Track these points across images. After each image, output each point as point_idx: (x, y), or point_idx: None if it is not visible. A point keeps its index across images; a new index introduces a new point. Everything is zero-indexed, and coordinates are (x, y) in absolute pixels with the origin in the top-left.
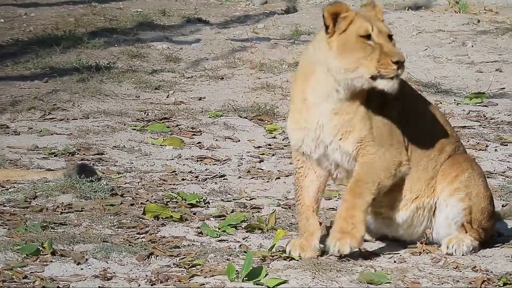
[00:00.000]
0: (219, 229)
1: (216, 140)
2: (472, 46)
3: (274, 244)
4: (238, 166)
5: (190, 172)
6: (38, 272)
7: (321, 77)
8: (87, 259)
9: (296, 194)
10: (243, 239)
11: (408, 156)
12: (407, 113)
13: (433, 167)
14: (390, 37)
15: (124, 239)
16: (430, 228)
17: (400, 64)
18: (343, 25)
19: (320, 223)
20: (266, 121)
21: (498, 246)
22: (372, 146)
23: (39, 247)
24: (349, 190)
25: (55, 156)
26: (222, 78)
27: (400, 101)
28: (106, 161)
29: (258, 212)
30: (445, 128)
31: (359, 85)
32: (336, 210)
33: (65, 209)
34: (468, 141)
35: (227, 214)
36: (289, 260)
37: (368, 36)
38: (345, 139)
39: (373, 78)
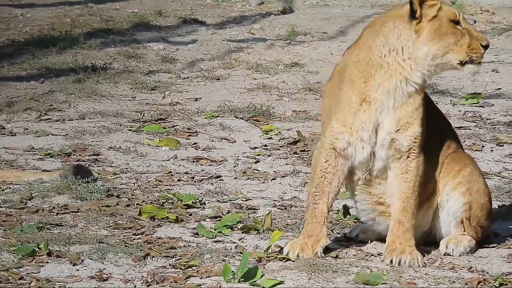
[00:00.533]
0: (215, 230)
1: (212, 141)
2: None
3: (270, 245)
4: (234, 167)
5: (186, 173)
6: (34, 273)
7: (393, 69)
8: (83, 260)
9: (315, 198)
10: (239, 240)
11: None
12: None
13: (441, 163)
14: None
15: (120, 240)
16: (434, 228)
17: (487, 48)
18: (432, 11)
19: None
20: (262, 122)
21: (494, 247)
22: (419, 147)
23: (35, 248)
24: (402, 209)
25: (51, 157)
26: (218, 79)
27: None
28: (102, 162)
29: (254, 213)
30: (449, 124)
31: (441, 71)
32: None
33: (61, 210)
34: (464, 142)
35: (223, 215)
36: (285, 261)
37: (457, 22)
38: (403, 130)
39: (462, 63)
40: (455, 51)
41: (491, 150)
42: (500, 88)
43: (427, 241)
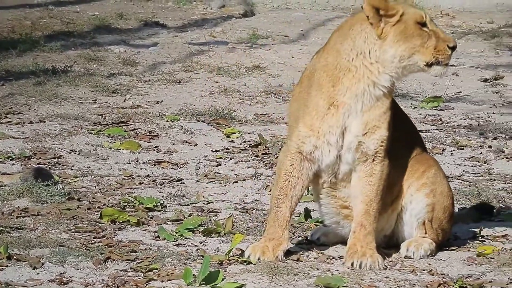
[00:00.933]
0: (176, 233)
1: (174, 144)
2: None
3: (232, 248)
4: (196, 170)
5: (147, 176)
6: None
7: (361, 73)
8: (43, 264)
9: (278, 201)
10: (200, 243)
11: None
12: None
13: (406, 166)
14: None
15: (80, 243)
16: (397, 231)
17: (454, 49)
18: (395, 17)
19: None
20: (224, 125)
21: (454, 250)
22: (384, 151)
23: None
24: (364, 212)
25: (11, 160)
26: (180, 82)
27: None
28: (62, 165)
29: (216, 216)
30: (414, 127)
31: (408, 73)
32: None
33: (21, 213)
34: None
35: (184, 218)
36: (247, 264)
37: (424, 23)
38: (371, 134)
39: (428, 65)
40: (421, 52)
41: (452, 154)
42: (460, 92)
43: (389, 244)
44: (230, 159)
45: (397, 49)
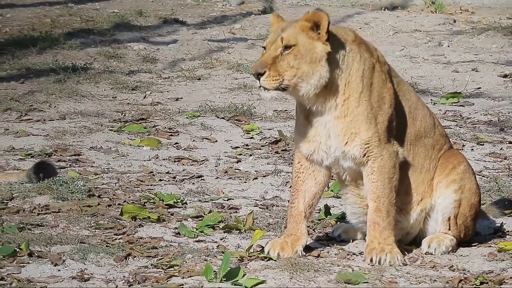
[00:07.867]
0: (196, 229)
1: (193, 140)
2: (448, 46)
3: (252, 245)
4: (216, 166)
5: (168, 172)
6: (15, 273)
7: None
8: (64, 260)
9: (292, 197)
10: (221, 239)
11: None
12: (409, 112)
13: (434, 166)
14: (288, 47)
15: (101, 240)
16: (425, 229)
17: (255, 75)
18: None
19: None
20: (243, 122)
21: (475, 245)
22: (378, 146)
23: (16, 248)
24: (375, 209)
25: (31, 157)
26: (199, 79)
27: (400, 97)
28: (83, 162)
29: (236, 212)
30: (441, 127)
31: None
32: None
33: (42, 210)
34: None
35: (204, 214)
36: (267, 261)
37: (264, 48)
38: (351, 142)
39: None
40: None
41: (472, 149)
42: (480, 88)
43: (415, 241)
44: (250, 155)
45: None
